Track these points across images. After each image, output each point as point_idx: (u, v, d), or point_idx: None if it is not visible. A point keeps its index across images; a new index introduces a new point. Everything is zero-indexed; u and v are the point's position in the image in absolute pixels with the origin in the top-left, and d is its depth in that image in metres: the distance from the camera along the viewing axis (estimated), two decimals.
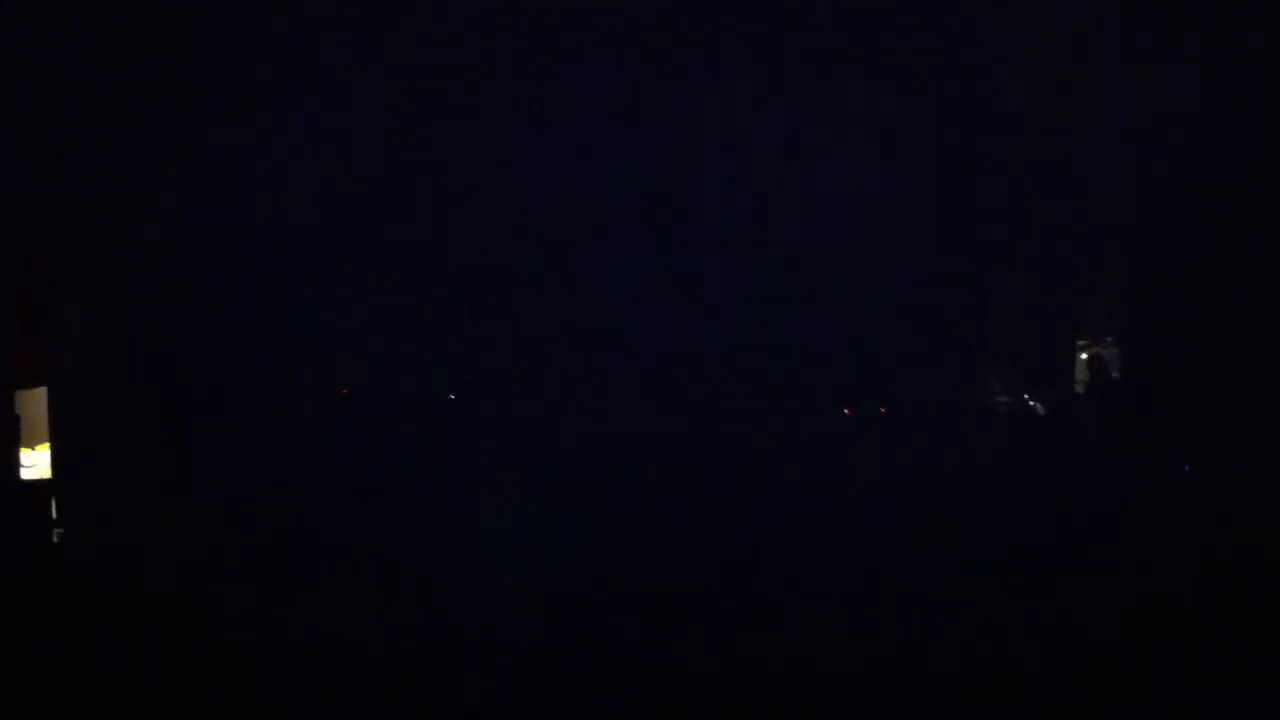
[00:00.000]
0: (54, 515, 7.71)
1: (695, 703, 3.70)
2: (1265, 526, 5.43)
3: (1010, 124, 10.10)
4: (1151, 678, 3.96)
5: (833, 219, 10.73)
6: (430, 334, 10.26)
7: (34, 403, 8.38)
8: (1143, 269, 9.30)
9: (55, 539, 7.52)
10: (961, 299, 10.27)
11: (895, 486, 7.51)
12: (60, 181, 8.69)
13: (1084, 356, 10.29)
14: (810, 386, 10.21)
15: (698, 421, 9.43)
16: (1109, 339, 10.15)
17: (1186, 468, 7.61)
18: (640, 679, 3.76)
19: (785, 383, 10.17)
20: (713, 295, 10.55)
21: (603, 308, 10.05)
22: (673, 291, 10.39)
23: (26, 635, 4.74)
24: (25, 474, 8.15)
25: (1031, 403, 10.08)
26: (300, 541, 5.87)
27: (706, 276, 10.59)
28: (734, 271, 10.64)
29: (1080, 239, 9.93)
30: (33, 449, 8.35)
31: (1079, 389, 10.08)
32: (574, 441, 9.16)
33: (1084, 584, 4.37)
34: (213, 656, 4.33)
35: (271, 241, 9.77)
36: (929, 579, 4.31)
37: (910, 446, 9.79)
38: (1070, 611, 4.18)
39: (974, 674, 3.90)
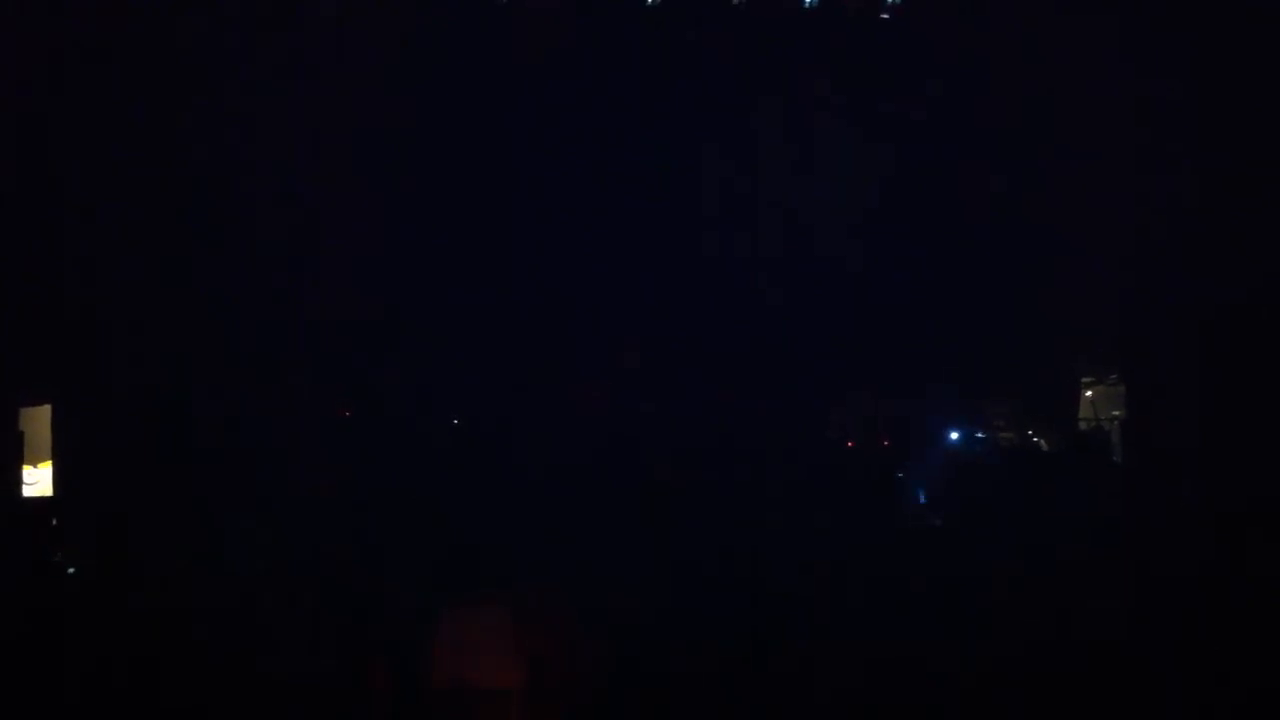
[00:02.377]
0: (56, 533, 7.67)
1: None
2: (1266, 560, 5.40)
3: (1008, 151, 10.18)
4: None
5: (827, 248, 10.81)
6: (434, 351, 10.31)
7: (38, 420, 8.39)
8: (1147, 304, 9.30)
9: (56, 557, 7.48)
10: (961, 332, 10.31)
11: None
12: (64, 198, 8.73)
13: (1088, 394, 10.28)
14: (812, 417, 10.24)
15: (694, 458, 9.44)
16: (1113, 376, 10.13)
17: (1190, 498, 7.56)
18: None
19: (788, 413, 10.20)
20: (706, 324, 10.61)
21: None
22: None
23: (26, 652, 4.72)
24: (27, 491, 8.14)
25: (1035, 439, 10.06)
26: (306, 559, 5.85)
27: (701, 304, 10.67)
28: (730, 299, 10.70)
29: (1082, 271, 9.95)
30: (35, 466, 8.34)
31: (1083, 426, 10.07)
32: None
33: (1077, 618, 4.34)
34: (217, 676, 4.30)
35: (277, 258, 9.81)
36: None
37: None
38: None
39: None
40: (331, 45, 9.72)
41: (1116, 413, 9.93)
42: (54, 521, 7.72)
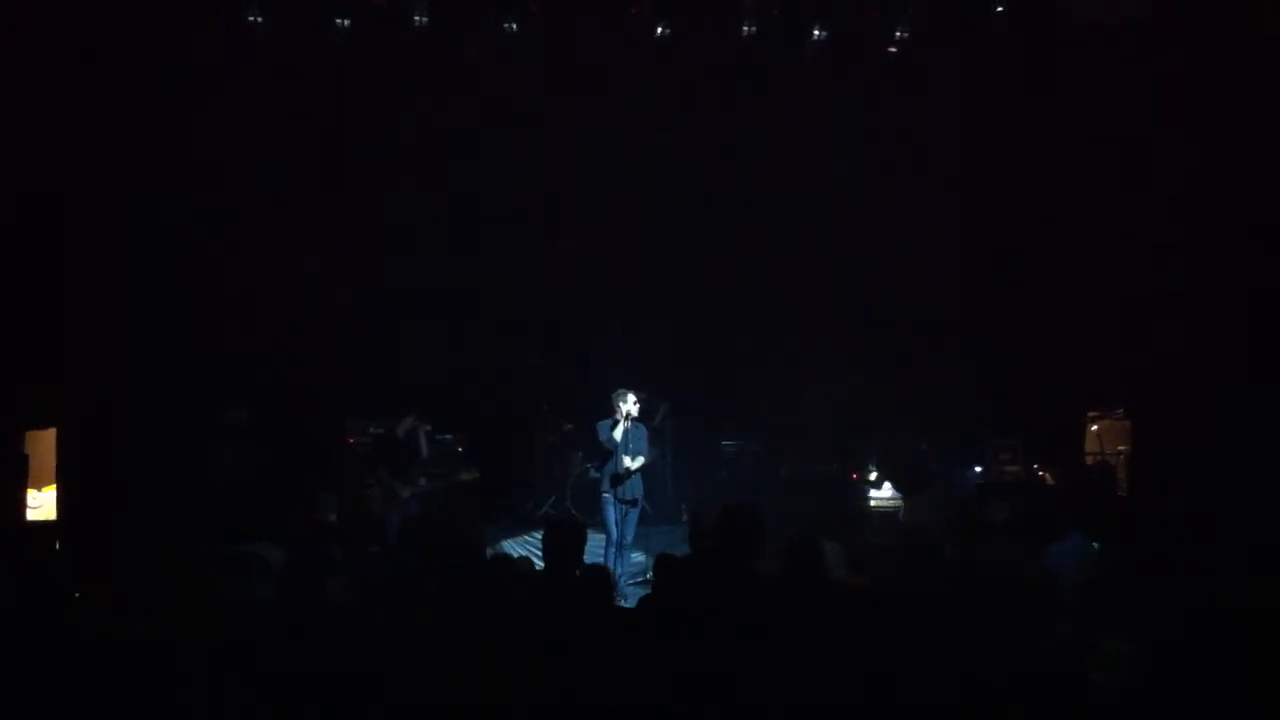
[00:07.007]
0: (60, 556, 7.63)
1: None
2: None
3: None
4: None
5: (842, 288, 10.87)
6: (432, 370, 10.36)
7: (43, 444, 8.38)
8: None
9: (61, 580, 7.42)
10: (968, 369, 10.33)
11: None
12: (69, 222, 8.75)
13: (1094, 428, 10.25)
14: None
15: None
16: (1119, 411, 10.11)
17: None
18: None
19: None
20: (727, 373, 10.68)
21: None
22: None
23: (27, 678, 4.68)
24: (31, 515, 8.13)
25: (1040, 473, 10.01)
26: (308, 584, 5.81)
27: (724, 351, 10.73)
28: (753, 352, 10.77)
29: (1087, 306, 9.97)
30: (39, 490, 8.33)
31: (1088, 460, 10.03)
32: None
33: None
34: (218, 707, 4.26)
35: (279, 285, 9.86)
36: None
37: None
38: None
39: None
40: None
41: (1122, 447, 9.91)
42: (57, 545, 7.68)
